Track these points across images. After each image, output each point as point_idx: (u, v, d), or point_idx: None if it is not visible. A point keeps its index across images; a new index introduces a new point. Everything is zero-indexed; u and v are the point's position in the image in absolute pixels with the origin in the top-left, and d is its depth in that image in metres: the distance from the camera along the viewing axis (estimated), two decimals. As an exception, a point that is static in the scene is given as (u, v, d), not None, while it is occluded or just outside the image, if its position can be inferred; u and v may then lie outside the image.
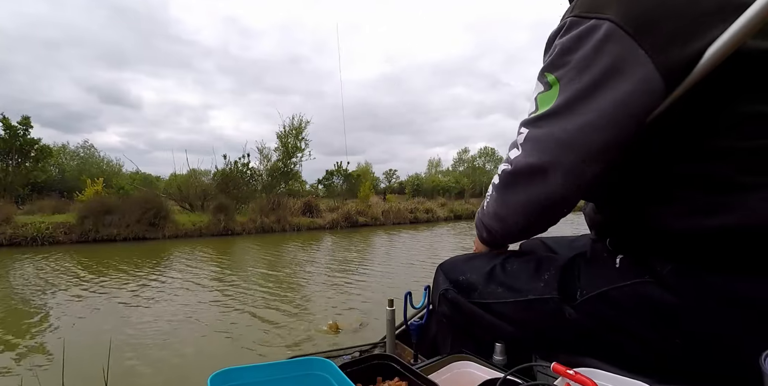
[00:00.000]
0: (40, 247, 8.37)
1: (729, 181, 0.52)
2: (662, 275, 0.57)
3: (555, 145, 0.55)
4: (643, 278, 0.59)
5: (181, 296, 4.29)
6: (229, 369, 0.57)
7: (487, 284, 0.77)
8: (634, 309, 0.59)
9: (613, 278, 0.62)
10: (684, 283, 0.56)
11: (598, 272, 0.65)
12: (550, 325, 0.69)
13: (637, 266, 0.61)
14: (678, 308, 0.56)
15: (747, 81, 0.51)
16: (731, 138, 0.52)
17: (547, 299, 0.68)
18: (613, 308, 0.61)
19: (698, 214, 0.54)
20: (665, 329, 0.58)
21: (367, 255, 7.49)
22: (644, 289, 0.58)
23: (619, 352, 0.63)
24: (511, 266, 0.78)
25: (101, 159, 27.05)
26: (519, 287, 0.72)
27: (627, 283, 0.60)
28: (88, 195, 11.53)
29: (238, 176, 13.93)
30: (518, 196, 0.62)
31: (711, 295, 0.54)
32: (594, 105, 0.52)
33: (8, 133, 13.87)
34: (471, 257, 0.87)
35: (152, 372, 2.43)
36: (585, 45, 0.53)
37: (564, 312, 0.66)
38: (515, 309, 0.72)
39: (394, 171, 36.41)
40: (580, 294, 0.65)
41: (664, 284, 0.57)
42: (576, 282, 0.67)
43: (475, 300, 0.78)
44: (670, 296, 0.56)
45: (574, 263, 0.71)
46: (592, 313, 0.63)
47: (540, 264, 0.74)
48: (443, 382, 0.68)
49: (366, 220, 14.40)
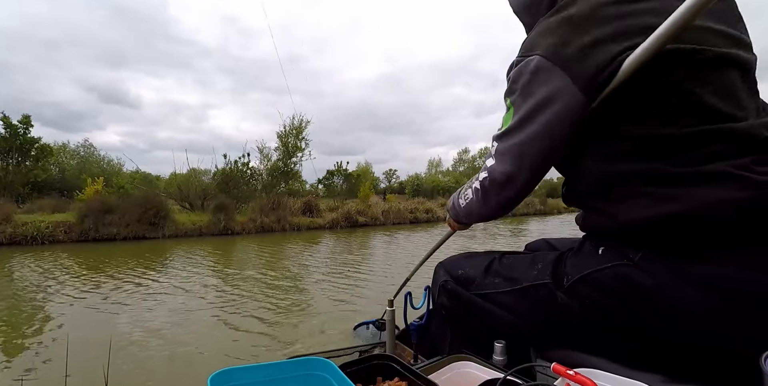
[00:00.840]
0: (40, 246, 8.37)
1: (669, 174, 0.62)
2: (635, 261, 0.66)
3: (516, 155, 0.70)
4: (622, 261, 0.67)
5: (181, 295, 4.29)
6: (229, 369, 0.57)
7: (485, 277, 0.84)
8: (615, 289, 0.67)
9: (595, 263, 0.70)
10: (653, 266, 0.64)
11: (583, 260, 0.73)
12: (544, 310, 0.75)
13: (617, 253, 0.69)
14: (651, 287, 0.63)
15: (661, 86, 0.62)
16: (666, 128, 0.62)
17: (539, 285, 0.76)
18: (595, 289, 0.69)
19: (650, 205, 0.63)
20: (641, 305, 0.65)
21: (367, 255, 7.49)
22: (622, 270, 0.66)
23: (600, 337, 0.71)
24: (507, 260, 0.86)
25: (101, 158, 27.06)
26: (515, 277, 0.80)
27: (607, 265, 0.68)
28: (88, 194, 11.53)
29: (238, 175, 13.92)
30: (498, 197, 0.77)
31: (676, 275, 0.61)
32: (535, 122, 0.67)
33: (9, 132, 13.87)
34: (470, 255, 0.94)
35: (152, 371, 2.43)
36: (524, 75, 0.68)
37: (557, 296, 0.73)
38: (511, 297, 0.79)
39: (394, 171, 36.41)
40: (567, 280, 0.72)
41: (639, 266, 0.65)
42: (564, 269, 0.75)
43: (473, 292, 0.84)
44: (645, 276, 0.64)
45: (564, 255, 0.78)
46: (579, 296, 0.71)
47: (534, 257, 0.82)
48: (443, 382, 0.68)
49: (366, 220, 14.40)
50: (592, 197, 0.73)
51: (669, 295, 0.62)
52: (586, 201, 0.77)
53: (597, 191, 0.71)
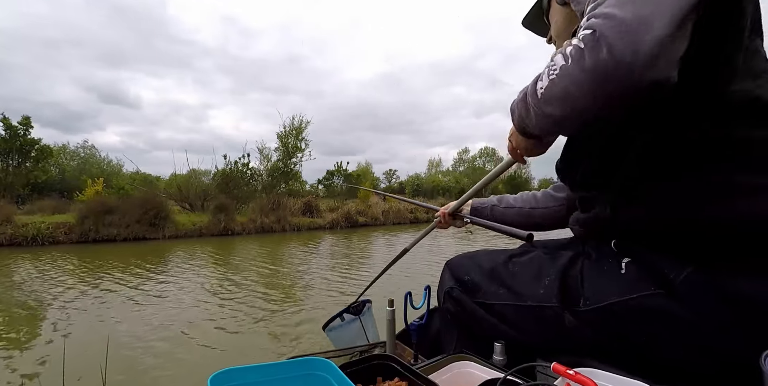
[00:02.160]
0: (40, 247, 8.36)
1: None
2: (674, 285, 0.54)
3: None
4: (651, 289, 0.57)
5: (181, 296, 4.29)
6: (229, 369, 0.57)
7: (490, 284, 0.78)
8: (639, 321, 0.58)
9: (618, 290, 0.60)
10: (697, 292, 0.52)
11: (603, 281, 0.63)
12: (548, 331, 0.69)
13: (645, 274, 0.59)
14: (690, 322, 0.54)
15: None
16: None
17: (546, 307, 0.68)
18: (617, 320, 0.61)
19: (732, 197, 0.47)
20: (669, 339, 0.57)
21: (367, 255, 7.48)
22: (652, 302, 0.56)
23: (619, 359, 0.63)
24: (513, 267, 0.79)
25: (101, 159, 27.04)
26: (519, 291, 0.73)
27: (633, 296, 0.58)
28: (88, 195, 11.52)
29: (238, 176, 13.92)
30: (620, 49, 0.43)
31: (724, 306, 0.51)
32: None
33: (9, 133, 13.87)
34: (475, 255, 0.89)
35: (152, 371, 2.43)
36: None
37: (564, 319, 0.66)
38: (515, 312, 0.73)
39: (394, 171, 36.36)
40: (584, 304, 0.64)
41: (675, 294, 0.55)
42: (579, 289, 0.66)
43: (478, 300, 0.79)
44: (684, 310, 0.54)
45: (575, 265, 0.70)
46: (594, 323, 0.63)
47: (541, 267, 0.74)
48: (443, 382, 0.68)
49: (366, 220, 14.40)
50: (639, 180, 0.57)
51: (707, 330, 0.52)
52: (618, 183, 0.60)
53: (654, 173, 0.55)
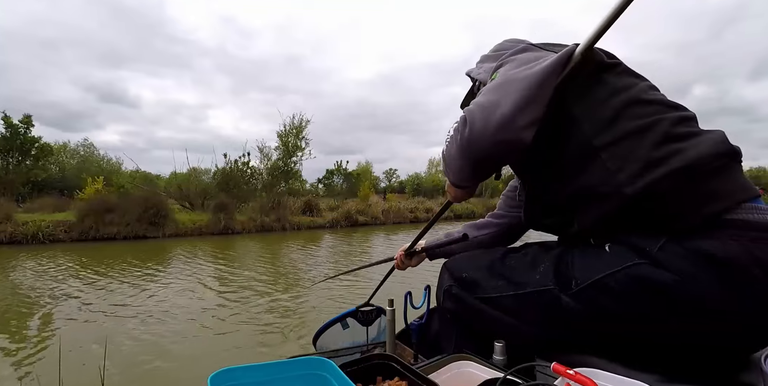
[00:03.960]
0: (41, 245, 8.37)
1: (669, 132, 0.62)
2: (653, 254, 0.61)
3: (497, 86, 0.68)
4: (634, 260, 0.62)
5: (181, 295, 4.29)
6: (229, 369, 0.57)
7: (489, 279, 0.81)
8: (629, 293, 0.63)
9: (605, 265, 0.65)
10: (674, 256, 0.59)
11: (591, 261, 0.68)
12: (548, 317, 0.72)
13: (626, 250, 0.64)
14: (673, 285, 0.59)
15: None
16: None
17: (543, 290, 0.71)
18: (607, 294, 0.65)
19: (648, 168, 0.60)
20: (660, 308, 0.61)
21: (366, 254, 7.48)
22: (638, 271, 0.61)
23: (613, 340, 0.67)
24: (509, 261, 0.82)
25: (101, 158, 27.02)
26: (518, 280, 0.76)
27: (619, 268, 0.63)
28: (88, 193, 11.54)
29: (239, 174, 13.92)
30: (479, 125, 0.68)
31: (700, 262, 0.57)
32: (524, 71, 0.66)
33: (9, 131, 13.88)
34: (473, 255, 0.92)
35: (152, 371, 2.43)
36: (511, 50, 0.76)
37: (561, 301, 0.69)
38: (515, 301, 0.76)
39: (394, 171, 36.39)
40: (575, 284, 0.68)
41: (655, 262, 0.60)
42: (570, 271, 0.70)
43: (478, 296, 0.81)
44: (665, 273, 0.59)
45: (567, 253, 0.74)
46: (588, 301, 0.67)
47: (535, 257, 0.79)
48: (443, 382, 0.68)
49: (366, 219, 14.41)
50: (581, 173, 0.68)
51: (691, 290, 0.58)
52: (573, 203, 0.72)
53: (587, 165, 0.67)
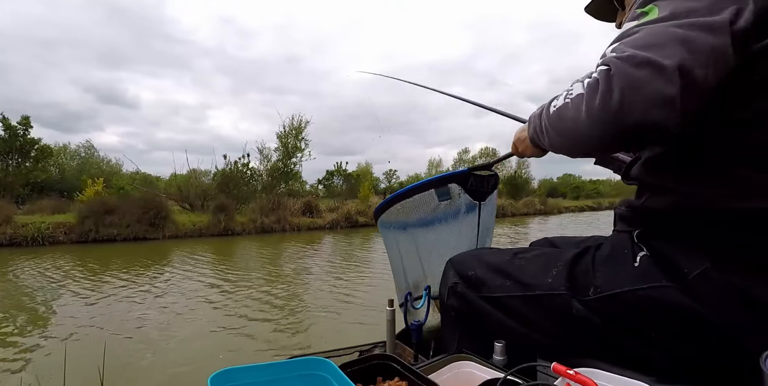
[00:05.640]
0: (40, 247, 8.36)
1: None
2: (687, 279, 0.56)
3: (676, 38, 0.48)
4: (662, 282, 0.57)
5: (181, 296, 4.29)
6: (229, 369, 0.57)
7: (496, 278, 0.77)
8: (648, 312, 0.59)
9: (630, 280, 0.61)
10: (711, 289, 0.54)
11: (616, 270, 0.64)
12: (555, 322, 0.69)
13: (659, 268, 0.59)
14: (701, 316, 0.54)
15: None
16: None
17: (554, 295, 0.68)
18: (624, 309, 0.61)
19: (749, 195, 0.51)
20: (678, 333, 0.57)
21: (367, 255, 7.48)
22: (661, 294, 0.57)
23: (623, 351, 0.63)
24: (519, 261, 0.78)
25: (101, 159, 26.98)
26: (527, 282, 0.72)
27: (643, 287, 0.59)
28: (88, 195, 11.52)
29: (238, 176, 13.92)
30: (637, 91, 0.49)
31: (740, 306, 0.52)
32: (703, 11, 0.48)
33: (8, 133, 13.87)
34: (481, 253, 0.87)
35: (152, 371, 2.43)
36: None
37: (571, 308, 0.66)
38: (523, 303, 0.72)
39: (395, 171, 36.37)
40: (594, 291, 0.64)
41: (688, 289, 0.55)
42: (591, 278, 0.66)
43: (484, 295, 0.78)
44: (690, 302, 0.55)
45: (585, 255, 0.70)
46: (602, 312, 0.63)
47: (549, 259, 0.74)
48: (443, 382, 0.68)
49: (366, 220, 14.38)
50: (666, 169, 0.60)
51: (730, 332, 0.53)
52: (655, 173, 0.63)
53: (679, 163, 0.58)
